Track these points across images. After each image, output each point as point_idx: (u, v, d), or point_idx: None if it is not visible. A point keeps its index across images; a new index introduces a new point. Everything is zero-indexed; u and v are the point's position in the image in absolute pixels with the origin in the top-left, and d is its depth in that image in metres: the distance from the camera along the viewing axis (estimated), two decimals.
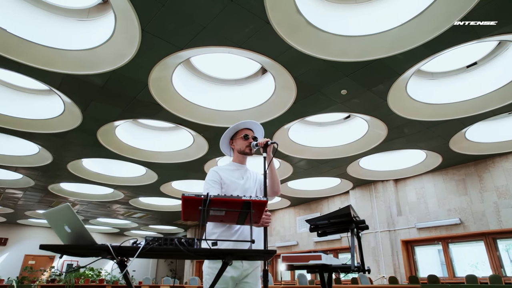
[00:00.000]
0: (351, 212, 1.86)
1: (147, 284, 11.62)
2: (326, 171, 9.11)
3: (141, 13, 3.83)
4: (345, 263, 2.10)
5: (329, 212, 1.93)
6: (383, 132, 6.77)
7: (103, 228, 19.08)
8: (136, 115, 6.33)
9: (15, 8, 4.42)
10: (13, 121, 6.53)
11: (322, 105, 5.86)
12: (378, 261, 9.20)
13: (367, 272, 2.06)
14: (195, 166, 8.84)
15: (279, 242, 12.44)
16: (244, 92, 6.30)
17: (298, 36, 4.28)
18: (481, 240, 8.09)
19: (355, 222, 1.92)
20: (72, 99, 5.67)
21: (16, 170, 9.39)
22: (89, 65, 4.84)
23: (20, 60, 4.63)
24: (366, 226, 2.08)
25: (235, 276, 1.84)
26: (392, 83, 5.13)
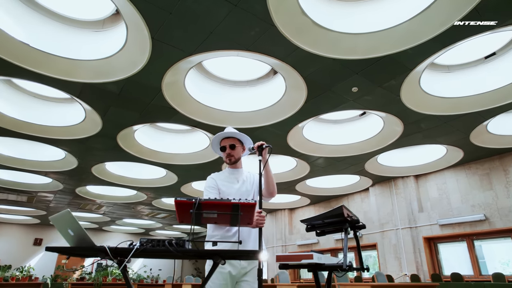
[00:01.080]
0: (344, 212, 1.89)
1: (170, 283, 11.93)
2: (344, 169, 9.04)
3: (149, 22, 3.98)
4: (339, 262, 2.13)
5: (323, 212, 1.98)
6: (399, 128, 6.66)
7: (129, 229, 19.73)
8: (152, 119, 6.54)
9: (36, 24, 4.69)
10: (41, 129, 6.91)
11: (333, 103, 5.85)
12: (400, 258, 9.04)
13: (366, 270, 2.09)
14: (213, 167, 9.00)
15: (299, 240, 12.44)
16: (256, 93, 6.37)
17: (305, 36, 4.31)
18: (508, 236, 7.79)
19: (348, 222, 1.95)
20: (91, 106, 5.95)
21: (46, 175, 9.92)
22: (105, 74, 5.06)
23: (42, 72, 4.91)
24: (362, 225, 2.10)
25: (234, 273, 1.93)
26: (403, 78, 5.05)
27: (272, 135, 7.07)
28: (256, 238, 2.10)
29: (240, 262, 1.95)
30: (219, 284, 1.89)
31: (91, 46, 4.94)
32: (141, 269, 16.11)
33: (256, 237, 2.12)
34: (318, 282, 1.91)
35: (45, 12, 4.69)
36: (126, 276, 1.50)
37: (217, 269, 1.92)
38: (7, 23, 4.41)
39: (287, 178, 9.82)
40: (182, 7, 3.75)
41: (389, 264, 9.28)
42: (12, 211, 14.99)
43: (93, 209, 14.25)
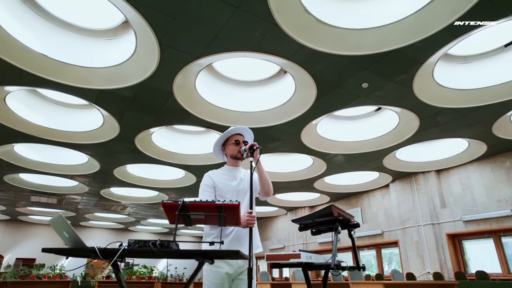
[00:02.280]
0: (334, 211, 1.90)
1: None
2: (362, 165, 8.90)
3: (156, 28, 4.10)
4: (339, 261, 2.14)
5: (312, 212, 1.99)
6: (415, 122, 6.49)
7: (154, 228, 20.26)
8: (167, 122, 6.71)
9: (53, 35, 4.92)
10: (63, 134, 7.25)
11: (345, 100, 5.78)
12: (422, 256, 8.81)
13: (362, 269, 2.09)
14: None
15: (320, 238, 12.36)
16: (268, 92, 6.39)
17: (309, 34, 4.29)
18: None
19: (339, 221, 1.95)
20: (108, 112, 6.18)
21: (72, 178, 10.38)
22: (119, 80, 5.25)
23: (60, 80, 5.16)
24: (355, 224, 2.09)
25: (230, 272, 1.99)
26: (415, 72, 4.93)
27: (285, 134, 7.07)
28: (255, 237, 2.15)
29: (237, 261, 2.00)
30: (216, 283, 1.95)
31: (105, 53, 5.13)
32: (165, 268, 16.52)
33: (256, 236, 2.17)
34: (308, 281, 1.93)
35: (61, 24, 4.91)
36: (118, 275, 1.59)
37: (214, 269, 1.99)
38: (26, 36, 4.66)
39: (304, 176, 9.79)
40: (186, 12, 3.83)
41: (411, 262, 9.06)
42: (45, 212, 15.79)
43: (118, 210, 14.75)
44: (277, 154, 8.66)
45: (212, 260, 1.62)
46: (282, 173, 9.90)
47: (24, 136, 7.11)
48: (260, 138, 7.31)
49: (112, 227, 19.81)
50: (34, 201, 13.26)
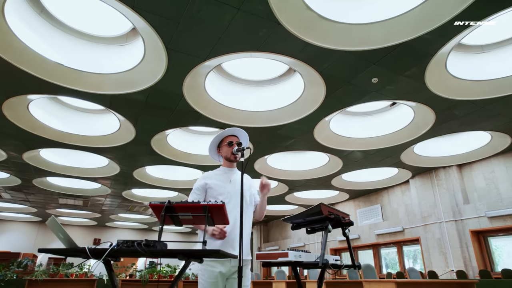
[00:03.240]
0: (324, 210, 1.89)
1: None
2: (379, 161, 8.73)
3: (161, 33, 4.20)
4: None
5: (303, 211, 1.99)
6: (431, 116, 6.30)
7: (177, 228, 20.66)
8: (180, 124, 6.83)
9: (67, 44, 5.13)
10: (83, 139, 7.55)
11: (355, 96, 5.69)
12: (445, 253, 8.54)
13: (357, 268, 2.07)
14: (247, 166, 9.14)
15: (340, 236, 12.22)
16: (278, 91, 6.39)
17: (313, 31, 4.26)
18: None
19: (330, 220, 1.94)
20: (123, 116, 6.37)
21: (95, 180, 10.77)
22: (130, 84, 5.41)
23: (75, 87, 5.38)
24: (348, 223, 2.07)
25: (224, 271, 2.03)
26: (426, 64, 4.79)
27: (298, 132, 7.05)
28: (247, 237, 2.18)
29: (231, 260, 2.04)
30: (210, 282, 2.00)
31: (117, 59, 5.30)
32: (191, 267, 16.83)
33: (248, 236, 2.21)
34: (298, 279, 1.94)
35: (75, 33, 5.10)
36: (110, 273, 1.66)
37: (208, 268, 2.04)
38: (43, 47, 4.89)
39: (320, 174, 9.71)
40: (188, 16, 3.90)
41: (434, 260, 8.80)
42: (73, 214, 16.46)
43: (141, 211, 15.16)
44: (292, 152, 8.63)
45: (201, 259, 1.66)
46: (298, 171, 9.86)
47: (47, 141, 7.45)
48: (273, 137, 7.32)
49: (136, 227, 20.38)
50: (62, 203, 13.86)
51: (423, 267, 9.09)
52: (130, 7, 3.78)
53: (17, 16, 4.54)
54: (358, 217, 11.99)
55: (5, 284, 8.72)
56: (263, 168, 9.49)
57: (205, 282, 1.99)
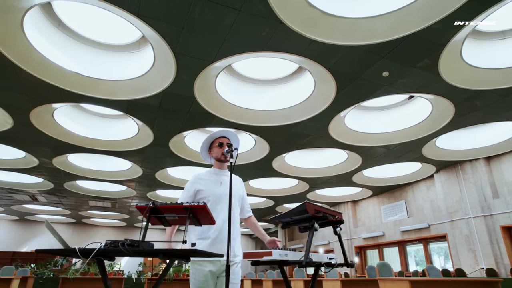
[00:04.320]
0: (310, 209, 1.89)
1: (249, 278, 12.45)
2: (399, 156, 8.49)
3: (167, 38, 4.32)
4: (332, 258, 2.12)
5: (289, 210, 1.99)
6: (450, 108, 6.06)
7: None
8: (195, 125, 6.97)
9: (84, 54, 5.38)
10: (106, 143, 7.88)
11: (367, 91, 5.58)
12: (475, 250, 8.17)
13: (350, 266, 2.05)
14: (263, 165, 9.20)
15: (364, 233, 11.99)
16: (290, 89, 6.38)
17: (318, 28, 4.23)
18: None
19: (316, 218, 1.94)
20: (140, 120, 6.59)
21: (120, 183, 11.20)
22: (144, 89, 5.59)
23: (93, 94, 5.63)
24: (338, 221, 2.05)
25: (214, 270, 2.08)
26: (438, 55, 4.61)
27: (312, 129, 7.00)
28: (236, 237, 2.23)
29: (220, 259, 2.09)
30: (200, 280, 2.06)
31: (130, 66, 5.49)
32: None
33: (238, 236, 2.26)
34: (285, 277, 1.95)
35: (90, 43, 5.34)
36: (102, 272, 1.76)
37: (198, 267, 2.10)
38: (61, 58, 5.16)
39: (340, 171, 9.58)
40: (191, 20, 3.99)
41: (462, 257, 8.45)
42: (104, 215, 17.19)
43: None
44: (310, 150, 8.56)
45: (186, 258, 1.72)
46: (317, 169, 9.78)
47: (72, 147, 7.84)
48: (288, 135, 7.31)
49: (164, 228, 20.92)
50: (92, 205, 14.51)
51: (452, 265, 8.75)
52: (135, 15, 3.91)
53: (37, 31, 4.81)
54: (382, 213, 11.71)
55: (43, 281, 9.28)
56: (281, 166, 9.49)
57: (196, 280, 2.05)
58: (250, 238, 23.96)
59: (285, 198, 13.20)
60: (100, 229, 19.98)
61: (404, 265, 10.62)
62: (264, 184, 11.68)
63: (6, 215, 17.48)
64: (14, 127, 6.91)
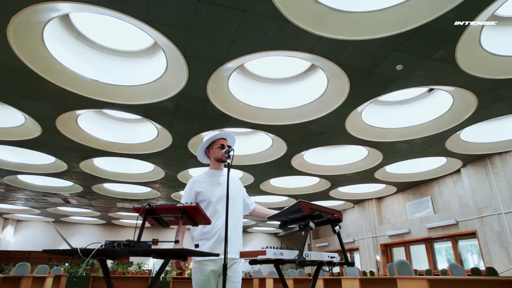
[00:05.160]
0: (304, 207, 1.89)
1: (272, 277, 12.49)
2: (421, 151, 8.21)
3: (177, 43, 4.41)
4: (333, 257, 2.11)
5: (284, 210, 1.99)
6: (472, 99, 5.80)
7: None
8: (212, 127, 7.07)
9: (101, 62, 5.60)
10: (128, 147, 8.15)
11: (382, 85, 5.45)
12: (507, 248, 7.77)
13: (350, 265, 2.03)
14: (282, 163, 9.19)
15: (390, 231, 11.69)
16: (304, 87, 6.34)
17: (325, 24, 4.18)
18: None
19: (312, 217, 1.93)
20: (158, 123, 6.78)
21: (145, 185, 11.54)
22: (159, 93, 5.74)
23: (111, 100, 5.85)
24: (336, 219, 2.02)
25: (215, 269, 2.13)
26: (454, 45, 4.43)
27: (329, 126, 6.91)
28: (238, 236, 2.27)
29: (222, 258, 2.13)
30: (202, 279, 2.11)
31: (145, 71, 5.66)
32: None
33: (239, 236, 2.29)
34: (281, 276, 1.96)
35: (107, 51, 5.54)
36: (104, 271, 1.84)
37: (200, 266, 2.16)
38: (81, 66, 5.39)
39: (361, 167, 9.40)
40: (198, 24, 4.06)
41: (494, 255, 8.07)
42: (131, 216, 17.77)
43: None
44: (330, 147, 8.46)
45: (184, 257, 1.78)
46: (338, 166, 9.66)
47: (96, 151, 8.18)
48: (305, 133, 7.26)
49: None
50: (120, 207, 15.03)
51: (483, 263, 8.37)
52: (144, 22, 4.03)
53: (58, 42, 5.06)
54: (407, 210, 11.37)
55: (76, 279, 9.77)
56: (300, 164, 9.44)
57: (198, 279, 2.10)
58: (276, 237, 23.97)
59: (307, 197, 13.10)
60: (130, 230, 20.66)
61: (432, 263, 10.27)
62: (285, 182, 11.67)
63: (43, 217, 18.46)
64: (42, 134, 7.30)
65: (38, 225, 19.36)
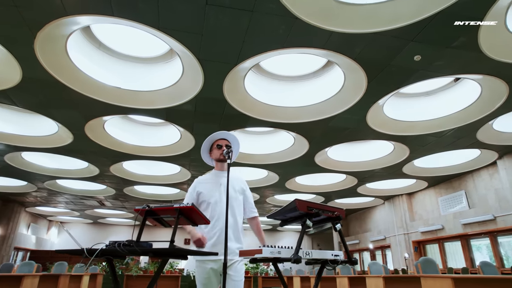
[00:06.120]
0: (301, 205, 1.87)
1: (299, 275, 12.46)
2: (450, 144, 7.83)
3: (189, 47, 4.51)
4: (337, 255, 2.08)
5: (280, 209, 1.99)
6: (502, 87, 5.46)
7: None
8: (232, 127, 7.15)
9: (122, 69, 5.83)
10: (153, 150, 8.43)
11: (401, 77, 5.26)
12: None
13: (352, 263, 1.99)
14: (306, 161, 9.11)
15: (422, 227, 11.25)
16: (322, 83, 6.26)
17: (335, 19, 4.11)
18: None
19: (309, 215, 1.91)
20: (180, 125, 6.95)
21: (173, 186, 11.86)
22: (178, 97, 5.89)
23: (133, 106, 6.08)
24: (336, 217, 1.99)
25: (215, 268, 2.18)
26: (476, 30, 4.20)
27: (350, 122, 6.78)
28: (238, 236, 2.30)
29: (222, 257, 2.17)
30: (203, 277, 2.18)
31: (164, 75, 5.83)
32: None
33: (239, 236, 2.32)
34: (280, 274, 1.96)
35: (128, 58, 5.77)
36: (111, 270, 1.94)
37: (201, 265, 2.23)
38: (103, 74, 5.65)
39: (387, 163, 9.13)
40: (208, 27, 4.13)
41: None
42: None
43: None
44: (353, 143, 8.28)
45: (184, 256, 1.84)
46: (363, 162, 9.44)
47: (124, 155, 8.52)
48: (326, 130, 7.17)
49: None
50: None
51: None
52: (156, 28, 4.16)
53: (81, 53, 5.33)
54: (440, 205, 10.89)
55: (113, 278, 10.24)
56: (325, 161, 9.31)
57: (200, 277, 2.17)
58: (306, 236, 23.78)
59: (336, 194, 12.92)
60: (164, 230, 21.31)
61: (469, 260, 9.77)
62: (311, 180, 11.56)
63: (82, 219, 19.46)
64: (74, 141, 7.72)
65: (79, 226, 20.43)
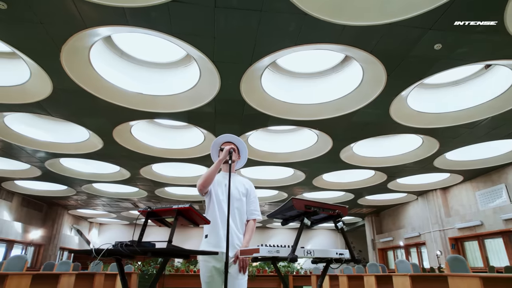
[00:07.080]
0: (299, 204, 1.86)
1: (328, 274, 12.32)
2: (486, 134, 7.38)
3: (203, 49, 4.60)
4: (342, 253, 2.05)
5: (278, 208, 1.98)
6: None
7: None
8: (253, 126, 7.18)
9: (143, 75, 6.04)
10: (179, 152, 8.66)
11: (423, 68, 5.04)
12: None
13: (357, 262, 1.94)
14: (331, 157, 8.96)
15: (458, 223, 10.69)
16: (341, 78, 6.14)
17: (346, 12, 4.02)
18: None
19: (308, 214, 1.88)
20: (202, 127, 7.09)
21: None
22: (198, 99, 6.02)
23: (156, 110, 6.28)
24: (337, 215, 1.95)
25: (218, 266, 2.23)
26: (502, 12, 3.92)
27: (372, 116, 6.59)
28: (238, 236, 2.33)
29: (223, 256, 2.21)
30: (206, 275, 2.24)
31: (184, 79, 5.97)
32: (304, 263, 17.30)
33: (239, 235, 2.35)
34: (279, 272, 1.96)
35: (149, 65, 5.96)
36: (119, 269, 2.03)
37: (204, 263, 2.29)
38: (126, 81, 5.89)
39: (416, 157, 8.78)
40: (219, 29, 4.19)
41: None
42: None
43: None
44: (379, 138, 8.06)
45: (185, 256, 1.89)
46: (391, 157, 9.14)
47: (152, 158, 8.82)
48: (348, 125, 7.01)
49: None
50: None
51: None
52: (170, 34, 4.28)
53: (104, 62, 5.59)
54: (478, 200, 10.29)
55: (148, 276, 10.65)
56: (350, 157, 9.12)
57: (203, 275, 2.23)
58: (337, 233, 23.36)
59: (366, 190, 12.61)
60: (193, 230, 21.79)
61: None
62: (339, 177, 11.35)
63: (119, 220, 20.36)
64: (104, 146, 8.10)
65: (117, 227, 21.40)
